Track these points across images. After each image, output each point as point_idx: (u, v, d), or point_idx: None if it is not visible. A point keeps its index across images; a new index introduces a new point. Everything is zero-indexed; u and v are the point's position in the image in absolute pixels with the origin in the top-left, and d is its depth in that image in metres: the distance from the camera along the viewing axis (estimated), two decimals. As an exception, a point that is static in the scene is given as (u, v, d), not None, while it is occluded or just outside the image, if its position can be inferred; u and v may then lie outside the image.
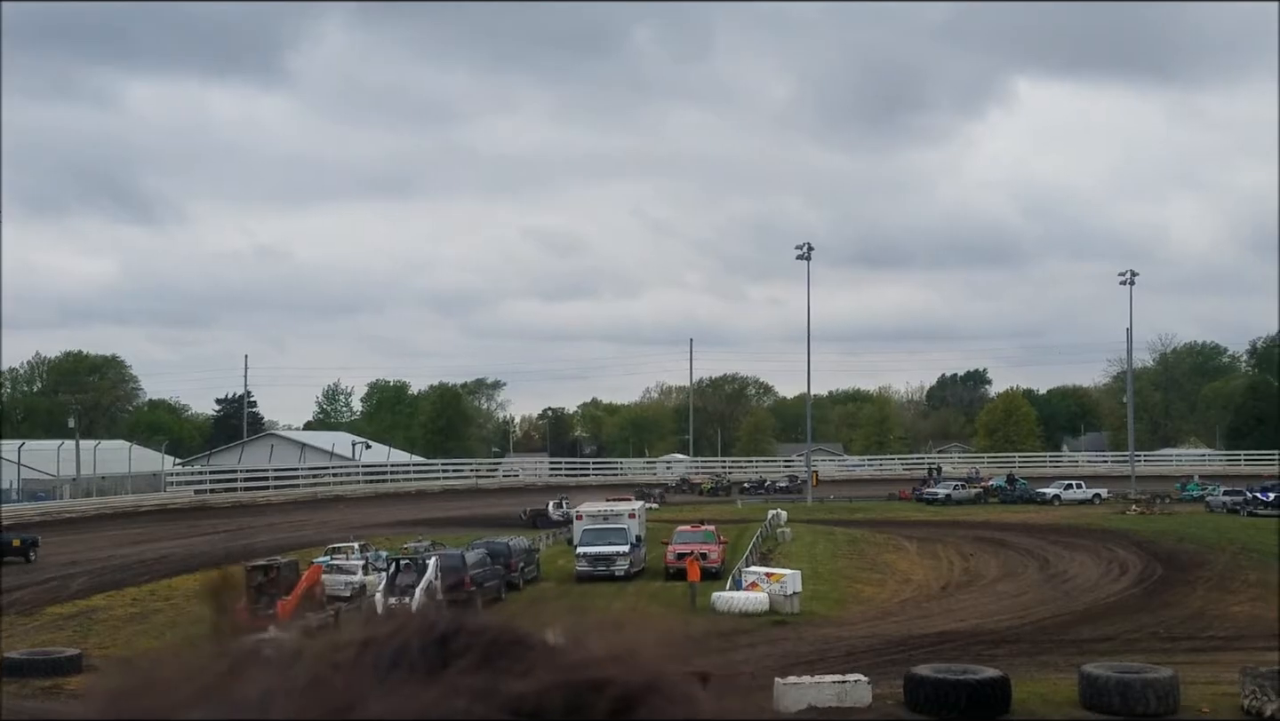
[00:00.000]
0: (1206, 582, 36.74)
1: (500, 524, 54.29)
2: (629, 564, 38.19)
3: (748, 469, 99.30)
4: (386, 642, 0.54)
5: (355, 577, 36.12)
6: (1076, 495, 72.76)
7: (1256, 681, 20.08)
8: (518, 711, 0.49)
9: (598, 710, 0.49)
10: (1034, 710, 20.39)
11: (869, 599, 35.06)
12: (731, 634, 29.01)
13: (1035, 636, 28.59)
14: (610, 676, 0.52)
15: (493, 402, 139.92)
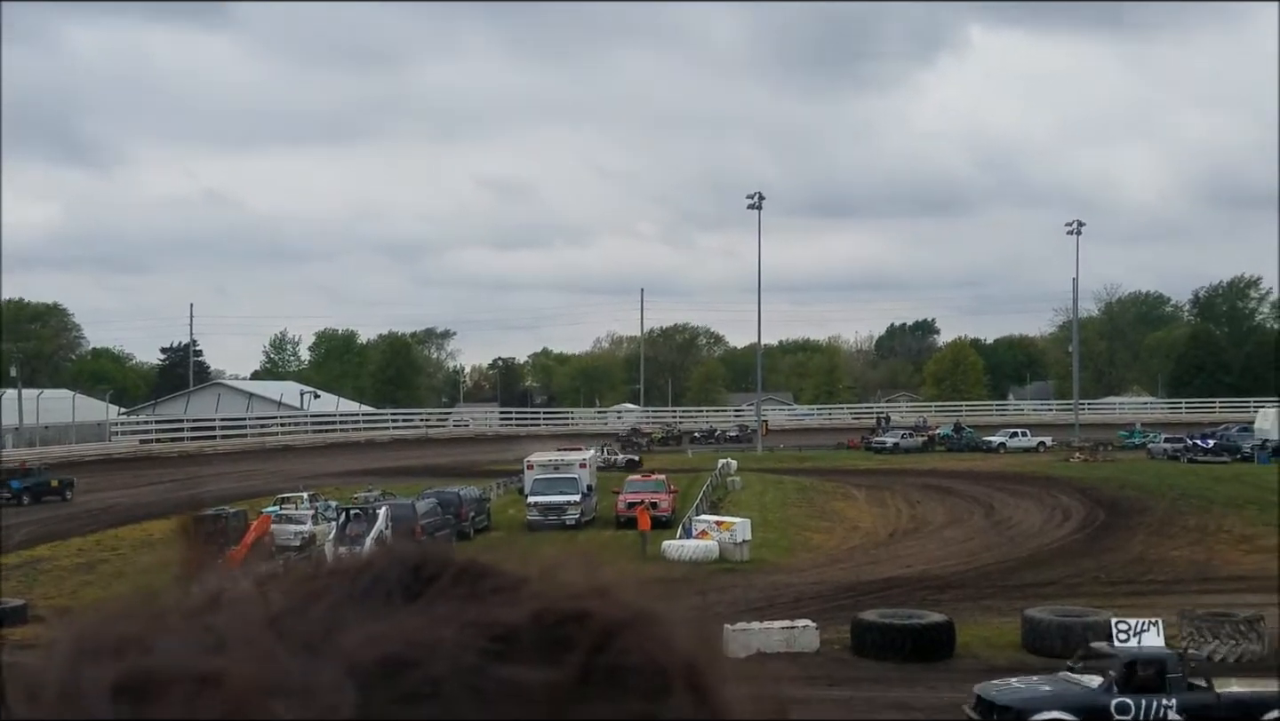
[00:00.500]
0: (1147, 528, 37.51)
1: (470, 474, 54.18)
2: (580, 513, 38.29)
3: (698, 418, 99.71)
4: (361, 572, 0.54)
5: (305, 527, 35.96)
6: (1022, 443, 73.92)
7: (1194, 624, 20.59)
8: (501, 639, 0.49)
9: (579, 641, 0.49)
10: (978, 653, 20.76)
11: (817, 546, 35.46)
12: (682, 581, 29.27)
13: (980, 582, 29.08)
14: (592, 608, 0.52)
15: (442, 352, 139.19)
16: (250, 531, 33.33)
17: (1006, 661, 20.33)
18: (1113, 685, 15.51)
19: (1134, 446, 72.72)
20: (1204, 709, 15.10)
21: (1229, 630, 20.25)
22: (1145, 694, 15.50)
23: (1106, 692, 15.03)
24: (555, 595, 0.53)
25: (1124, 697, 15.19)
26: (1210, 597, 25.53)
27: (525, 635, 0.49)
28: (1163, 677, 15.69)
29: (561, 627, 0.50)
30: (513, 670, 0.48)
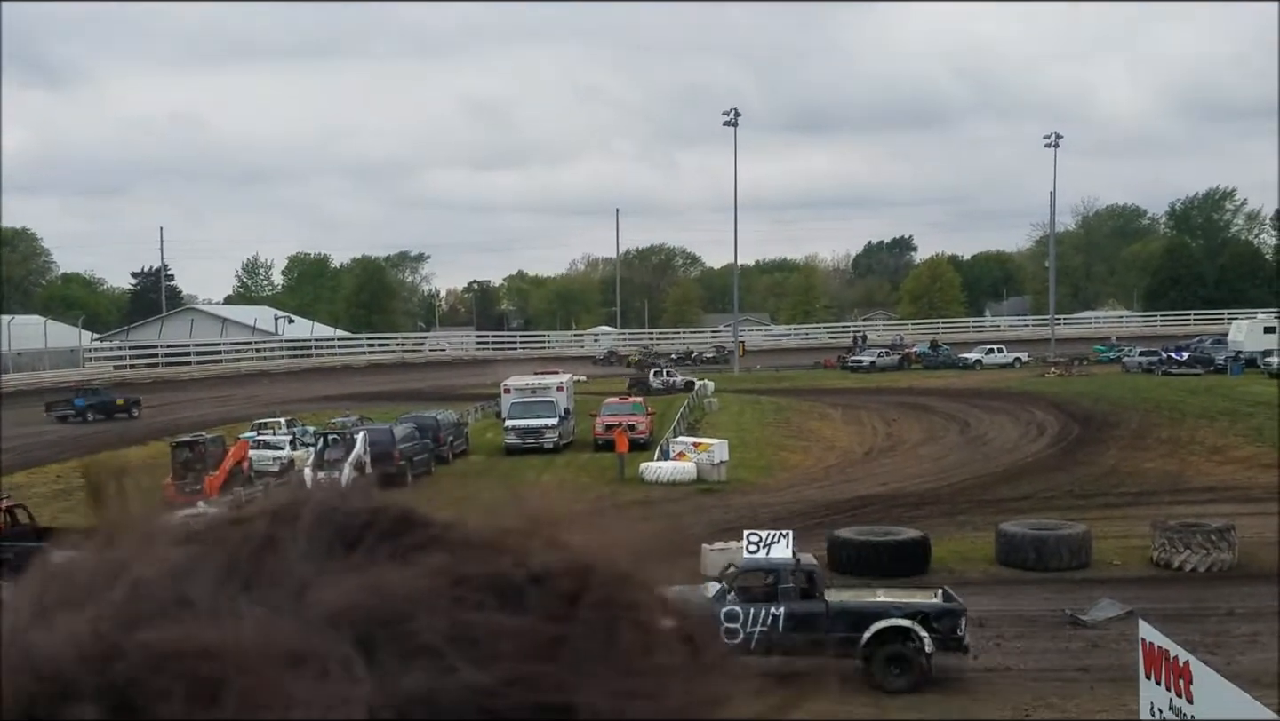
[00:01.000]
0: (1120, 441, 37.86)
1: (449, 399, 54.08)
2: (558, 436, 38.33)
3: (675, 340, 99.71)
4: (331, 518, 0.49)
5: (283, 453, 35.90)
6: (998, 359, 74.37)
7: (1166, 534, 20.83)
8: (495, 591, 0.46)
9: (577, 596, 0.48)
10: (953, 568, 20.97)
11: (794, 466, 35.65)
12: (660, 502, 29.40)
13: (955, 498, 29.34)
14: (594, 563, 0.49)
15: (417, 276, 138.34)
16: (228, 457, 33.24)
17: (980, 575, 20.58)
18: (724, 593, 15.86)
19: (1109, 360, 73.26)
20: (811, 617, 15.47)
21: (1200, 540, 20.50)
22: (755, 602, 15.86)
23: (718, 600, 15.31)
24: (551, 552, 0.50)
25: (733, 606, 15.54)
26: (1182, 508, 25.81)
27: (524, 589, 0.47)
28: (775, 587, 16.07)
29: (558, 581, 0.48)
30: (513, 622, 0.46)
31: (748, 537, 17.54)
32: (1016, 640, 16.51)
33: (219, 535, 0.49)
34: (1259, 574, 19.92)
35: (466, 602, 0.46)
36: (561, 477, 33.57)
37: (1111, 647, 15.42)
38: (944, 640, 14.76)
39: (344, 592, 0.45)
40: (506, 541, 0.50)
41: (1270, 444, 35.54)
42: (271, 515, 0.49)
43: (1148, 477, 31.71)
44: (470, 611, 0.45)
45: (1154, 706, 8.93)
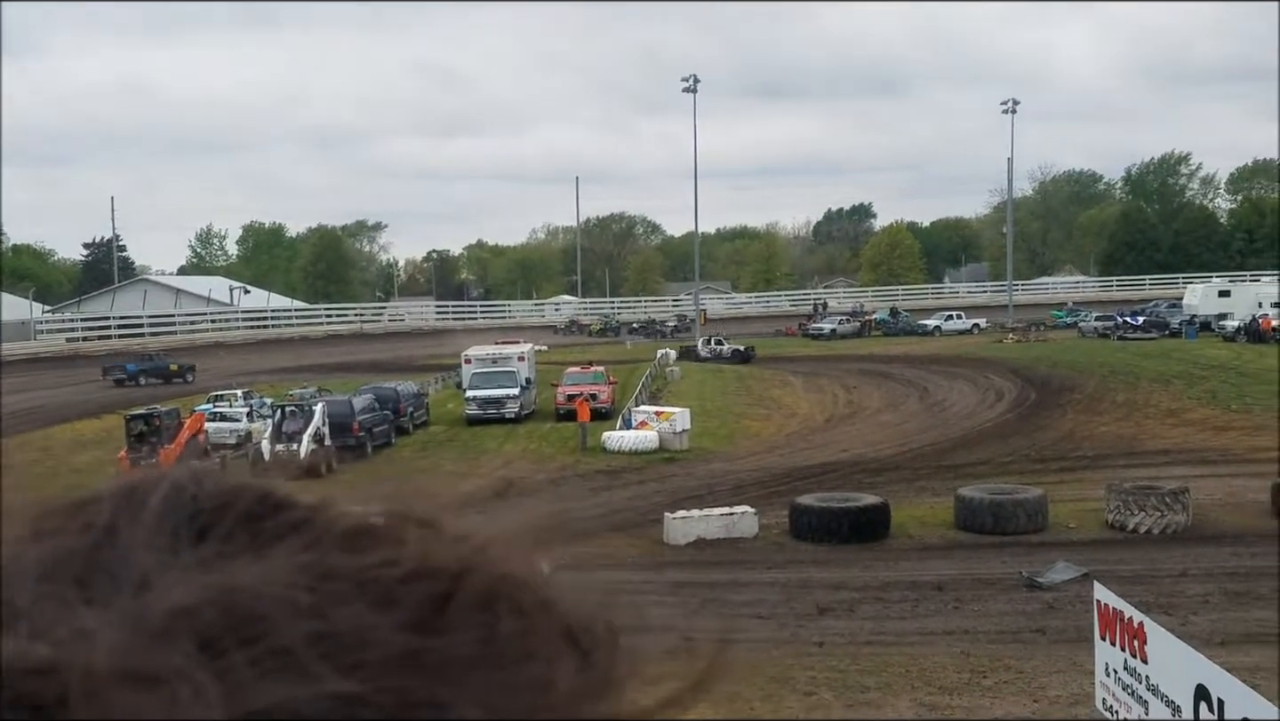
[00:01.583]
0: (1077, 405, 38.30)
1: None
2: (519, 406, 38.20)
3: (636, 309, 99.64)
4: (180, 502, 0.44)
5: (240, 425, 35.57)
6: (957, 326, 74.92)
7: (1120, 497, 21.10)
8: (349, 591, 0.41)
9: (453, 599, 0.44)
10: (912, 533, 21.16)
11: (756, 434, 35.78)
12: (621, 472, 29.44)
13: (914, 463, 29.57)
14: (473, 564, 0.45)
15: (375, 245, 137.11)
16: (184, 430, 32.91)
17: (939, 540, 20.78)
18: None
19: (1066, 325, 74.03)
20: None
21: (1155, 502, 20.77)
22: None
23: None
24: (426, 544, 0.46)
25: None
26: (1137, 471, 26.19)
27: (394, 587, 0.43)
28: None
29: (432, 579, 0.44)
30: (382, 624, 0.41)
31: None
32: (975, 602, 16.69)
33: (57, 524, 0.44)
34: (1212, 535, 20.26)
35: (330, 601, 0.41)
36: (524, 448, 33.51)
37: (1068, 609, 15.62)
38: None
39: (189, 591, 0.40)
40: (377, 531, 0.46)
41: (1223, 406, 36.13)
42: (115, 499, 0.44)
43: (1103, 441, 32.10)
44: (334, 611, 0.41)
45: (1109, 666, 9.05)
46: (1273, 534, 20.07)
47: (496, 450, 33.24)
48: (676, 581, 18.47)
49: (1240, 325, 59.59)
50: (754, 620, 16.19)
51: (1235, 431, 32.29)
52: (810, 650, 14.58)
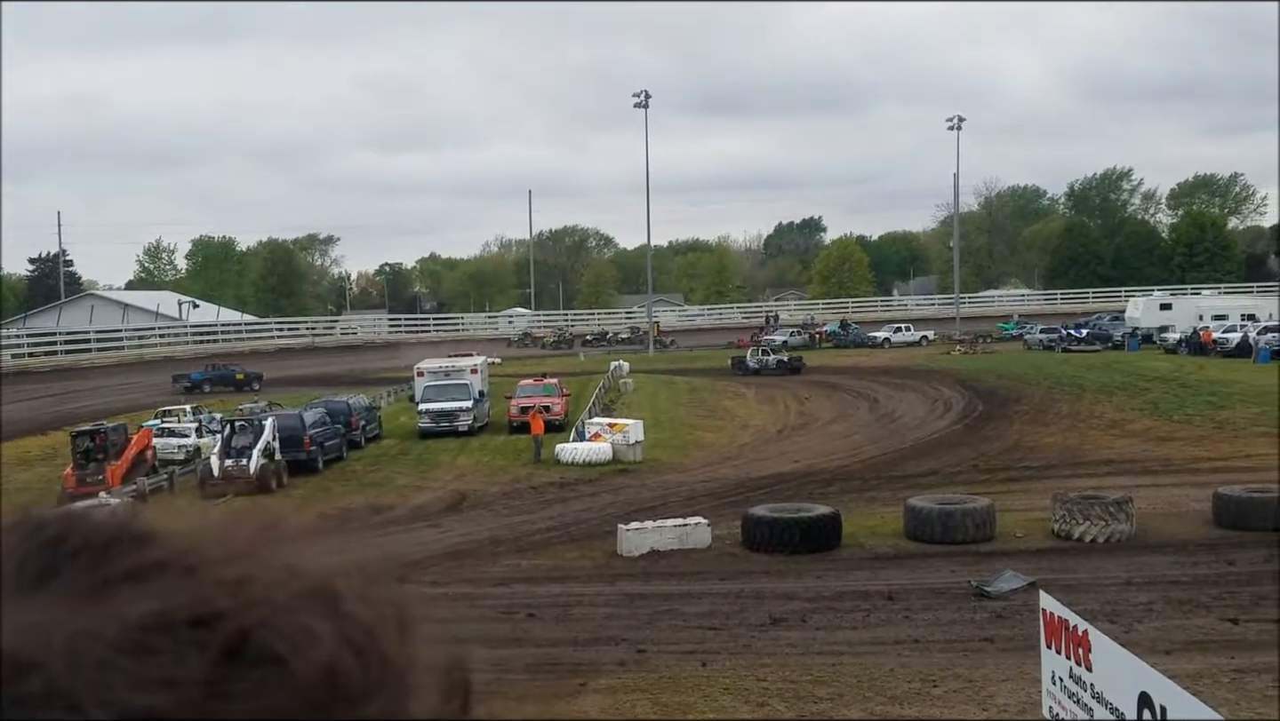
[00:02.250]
0: (1023, 416, 38.87)
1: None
2: (472, 419, 38.12)
3: (590, 321, 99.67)
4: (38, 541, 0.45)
5: (188, 440, 35.20)
6: (905, 338, 75.76)
7: (1065, 506, 21.45)
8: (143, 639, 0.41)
9: (210, 643, 0.43)
10: (863, 543, 21.38)
11: (709, 445, 35.95)
12: (575, 483, 29.48)
13: (865, 474, 29.87)
14: (225, 608, 0.44)
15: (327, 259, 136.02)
16: (131, 446, 32.48)
17: (889, 549, 21.01)
18: None
19: (1012, 338, 75.09)
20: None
21: (1099, 511, 21.14)
22: None
23: None
24: (191, 587, 0.45)
25: None
26: (1082, 481, 26.63)
27: (153, 635, 0.42)
28: None
29: (192, 628, 0.43)
30: (140, 671, 0.41)
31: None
32: (924, 611, 16.90)
33: None
34: (1155, 544, 20.65)
35: (120, 649, 0.41)
36: (476, 460, 33.44)
37: (1015, 618, 15.86)
38: None
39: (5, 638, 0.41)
40: (208, 570, 0.46)
41: (1165, 417, 36.84)
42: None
43: (1049, 452, 32.60)
44: (122, 659, 0.41)
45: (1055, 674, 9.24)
46: (1214, 543, 20.54)
47: (449, 463, 33.14)
48: (629, 593, 18.55)
49: (1181, 337, 60.80)
50: (707, 631, 16.31)
51: (1177, 442, 32.94)
52: (763, 660, 14.71)
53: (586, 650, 15.60)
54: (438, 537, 23.91)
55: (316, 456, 32.29)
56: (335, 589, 0.47)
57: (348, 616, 0.46)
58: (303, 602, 0.46)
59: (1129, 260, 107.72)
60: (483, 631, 16.84)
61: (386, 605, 0.49)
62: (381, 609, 0.48)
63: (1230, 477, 25.27)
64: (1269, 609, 16.30)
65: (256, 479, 29.00)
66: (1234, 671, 13.28)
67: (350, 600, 0.47)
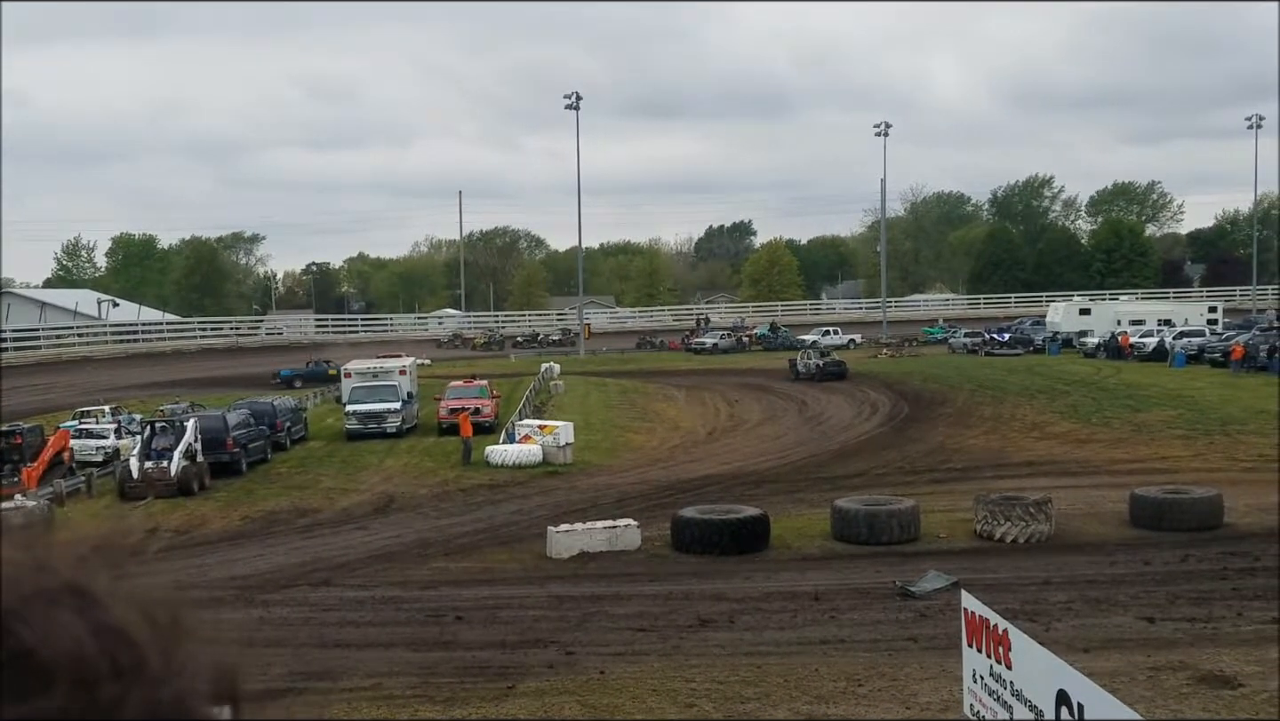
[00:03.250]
0: (947, 419, 39.48)
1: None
2: (400, 420, 37.77)
3: (520, 323, 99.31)
4: None
5: (107, 442, 34.42)
6: (833, 341, 76.48)
7: (987, 507, 21.84)
8: None
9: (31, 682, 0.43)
10: (791, 544, 21.56)
11: (639, 447, 36.01)
12: (504, 486, 29.34)
13: (793, 475, 30.12)
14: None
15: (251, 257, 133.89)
16: (47, 448, 31.75)
17: (817, 550, 21.22)
18: None
19: (936, 341, 76.27)
20: None
21: (1019, 512, 21.55)
22: None
23: None
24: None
25: None
26: (1003, 482, 27.13)
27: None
28: None
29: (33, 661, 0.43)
30: None
31: None
32: (850, 612, 17.09)
33: None
34: (1073, 544, 21.10)
35: None
36: (405, 462, 33.13)
37: (938, 617, 16.11)
38: None
39: None
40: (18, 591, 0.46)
41: (1084, 420, 37.67)
42: None
43: (972, 453, 33.16)
44: None
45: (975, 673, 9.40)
46: (1130, 543, 21.05)
47: (377, 465, 32.80)
48: (558, 595, 18.51)
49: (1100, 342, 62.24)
50: (636, 632, 16.33)
51: (1095, 444, 33.70)
52: (691, 661, 14.77)
53: (515, 652, 15.54)
54: (365, 540, 23.65)
55: (240, 458, 31.77)
56: (87, 586, 0.46)
57: (100, 612, 0.45)
58: (52, 597, 0.45)
59: (1050, 266, 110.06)
60: (411, 635, 16.70)
61: (147, 604, 0.48)
62: (142, 607, 0.47)
63: (1146, 479, 25.95)
64: (1184, 607, 16.76)
65: (178, 481, 28.46)
66: (1150, 669, 13.61)
67: (104, 597, 0.46)
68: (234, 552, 22.91)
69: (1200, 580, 18.31)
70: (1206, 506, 22.03)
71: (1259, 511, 22.79)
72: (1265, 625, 15.73)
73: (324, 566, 21.19)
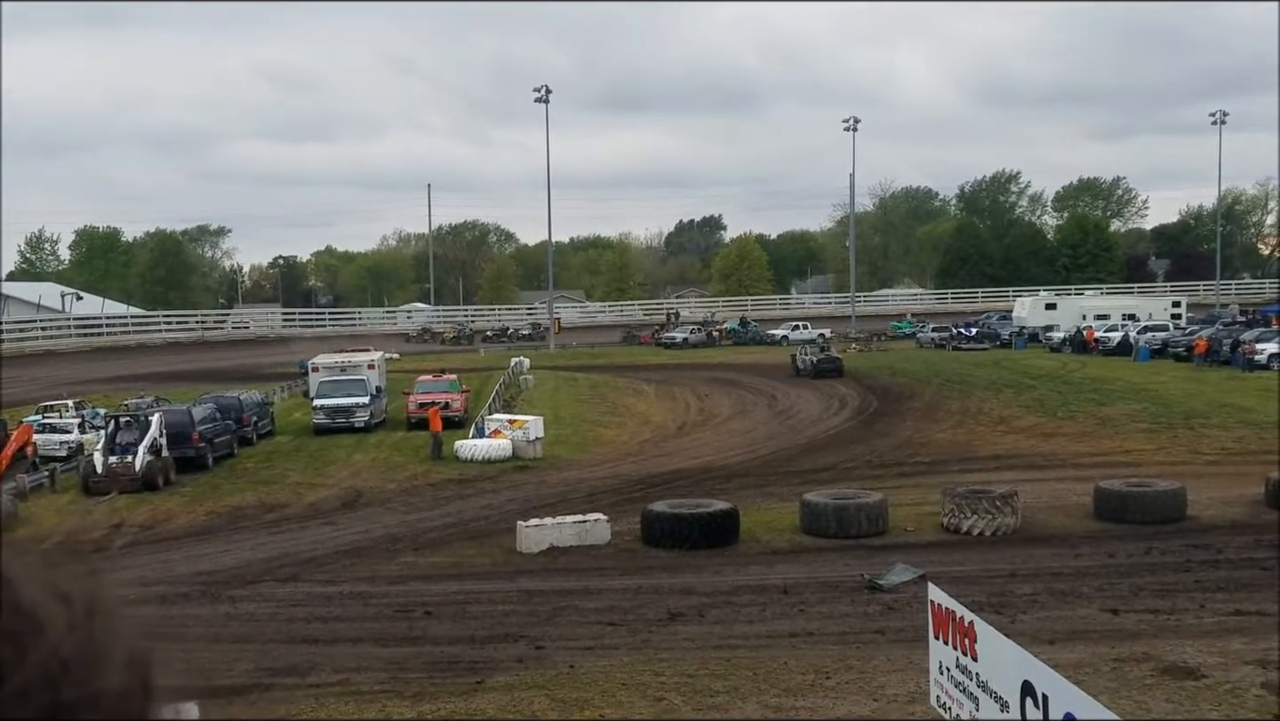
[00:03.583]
0: (915, 413, 39.74)
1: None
2: (369, 415, 37.58)
3: (490, 317, 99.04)
4: None
5: (71, 436, 34.11)
6: (803, 336, 76.81)
7: (954, 501, 21.99)
8: None
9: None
10: (760, 538, 21.62)
11: (609, 441, 36.01)
12: (474, 480, 29.27)
13: (763, 470, 30.22)
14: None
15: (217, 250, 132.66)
16: (10, 442, 31.38)
17: (786, 544, 21.29)
18: None
19: (905, 336, 76.74)
20: None
21: (986, 505, 21.72)
22: None
23: None
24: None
25: None
26: (970, 476, 27.32)
27: None
28: None
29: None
30: None
31: None
32: (819, 605, 17.17)
33: None
34: (1039, 537, 21.29)
35: None
36: (373, 457, 32.97)
37: (906, 610, 16.21)
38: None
39: None
40: None
41: (1050, 414, 38.01)
42: None
43: (939, 447, 33.38)
44: None
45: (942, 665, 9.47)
46: (1095, 535, 21.27)
47: (345, 460, 32.63)
48: (528, 590, 18.49)
49: (1065, 336, 62.85)
50: (606, 627, 16.34)
51: (1061, 438, 34.02)
52: (661, 655, 14.79)
53: (484, 647, 15.51)
54: (332, 535, 23.52)
55: (206, 453, 31.51)
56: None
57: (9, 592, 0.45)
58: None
59: (1016, 261, 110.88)
60: (379, 630, 16.64)
61: (64, 589, 0.47)
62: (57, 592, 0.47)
63: (1110, 472, 26.23)
64: (1147, 599, 16.95)
65: (142, 476, 28.20)
66: (1114, 660, 13.75)
67: (16, 579, 0.46)
68: (200, 548, 22.73)
69: (1163, 572, 18.52)
70: (1170, 499, 22.28)
71: (1221, 504, 23.09)
72: (1227, 616, 15.94)
73: (291, 562, 21.07)
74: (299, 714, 12.87)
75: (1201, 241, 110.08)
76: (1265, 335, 51.22)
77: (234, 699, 13.51)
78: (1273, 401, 37.58)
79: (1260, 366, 46.73)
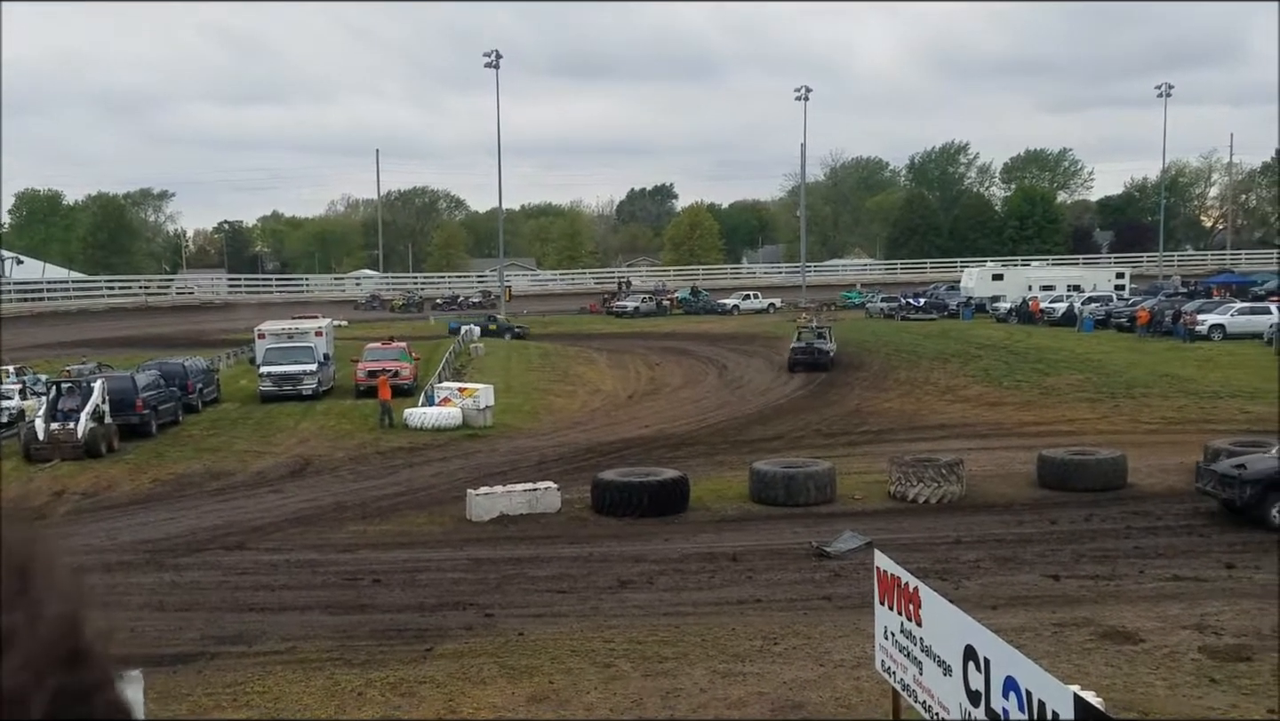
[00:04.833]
0: (863, 383, 40.07)
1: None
2: (316, 382, 37.23)
3: (440, 284, 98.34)
4: None
5: (11, 403, 33.48)
6: (754, 305, 77.17)
7: (901, 469, 22.27)
8: None
9: None
10: (710, 506, 21.76)
11: (560, 410, 35.99)
12: (424, 449, 29.14)
13: (712, 438, 30.37)
14: None
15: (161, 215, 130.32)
16: (-53, 410, 30.73)
17: (735, 511, 21.45)
18: None
19: (854, 306, 77.25)
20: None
21: (932, 473, 22.02)
22: None
23: None
24: None
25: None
26: (917, 444, 27.65)
27: None
28: None
29: None
30: None
31: None
32: (767, 572, 17.34)
33: None
34: (983, 505, 21.62)
35: None
36: (321, 425, 32.70)
37: (852, 576, 16.42)
38: None
39: None
40: None
41: (995, 384, 38.50)
42: None
43: (887, 416, 33.72)
44: None
45: (887, 630, 9.61)
46: (1038, 503, 21.64)
47: (293, 428, 32.33)
48: (478, 558, 18.48)
49: (1011, 307, 63.60)
50: (555, 594, 16.38)
51: (1006, 407, 34.48)
52: (610, 622, 14.86)
53: (433, 615, 15.50)
54: (280, 503, 23.34)
55: (150, 420, 31.09)
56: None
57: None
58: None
59: (965, 232, 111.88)
60: (327, 598, 16.55)
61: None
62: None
63: (1054, 441, 26.66)
64: (1088, 565, 17.29)
65: (85, 443, 27.77)
66: (1054, 625, 14.03)
67: None
68: (144, 516, 22.46)
69: (1104, 539, 18.90)
70: (1111, 467, 22.70)
71: (1161, 472, 23.56)
72: (1165, 582, 16.31)
73: (238, 530, 20.88)
74: (245, 682, 12.79)
75: (1146, 214, 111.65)
76: (1206, 306, 52.17)
77: (179, 666, 13.39)
78: (1213, 371, 38.35)
79: (1201, 337, 47.63)
